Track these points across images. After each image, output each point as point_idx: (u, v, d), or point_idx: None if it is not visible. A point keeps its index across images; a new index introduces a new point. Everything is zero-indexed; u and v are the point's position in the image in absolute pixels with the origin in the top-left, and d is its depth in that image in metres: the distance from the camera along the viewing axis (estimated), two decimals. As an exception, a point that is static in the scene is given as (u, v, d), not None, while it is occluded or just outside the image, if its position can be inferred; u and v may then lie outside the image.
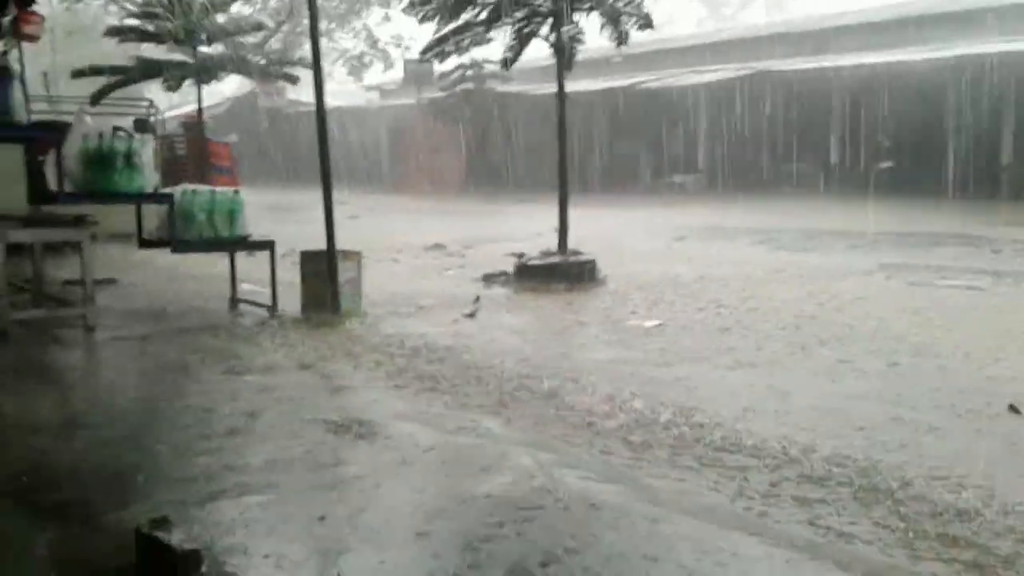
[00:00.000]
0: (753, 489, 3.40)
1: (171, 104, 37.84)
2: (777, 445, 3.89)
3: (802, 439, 3.98)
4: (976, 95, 19.15)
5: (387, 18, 34.49)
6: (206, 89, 16.37)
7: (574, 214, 9.92)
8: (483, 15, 9.85)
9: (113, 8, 29.11)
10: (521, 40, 10.08)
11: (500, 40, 10.20)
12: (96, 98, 14.95)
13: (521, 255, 9.72)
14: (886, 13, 25.23)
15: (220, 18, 15.77)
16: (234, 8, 17.54)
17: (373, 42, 36.08)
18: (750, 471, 3.59)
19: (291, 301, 7.24)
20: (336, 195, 7.30)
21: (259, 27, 18.06)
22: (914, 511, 3.16)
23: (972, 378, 5.18)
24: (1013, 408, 4.43)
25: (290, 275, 7.55)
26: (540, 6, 9.79)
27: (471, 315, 7.49)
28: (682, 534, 2.96)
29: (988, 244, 11.89)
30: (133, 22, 16.41)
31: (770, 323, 6.91)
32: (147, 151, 6.75)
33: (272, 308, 7.17)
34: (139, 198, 6.94)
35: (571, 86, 10.34)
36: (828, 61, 21.69)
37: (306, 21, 8.01)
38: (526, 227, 13.39)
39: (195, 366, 5.56)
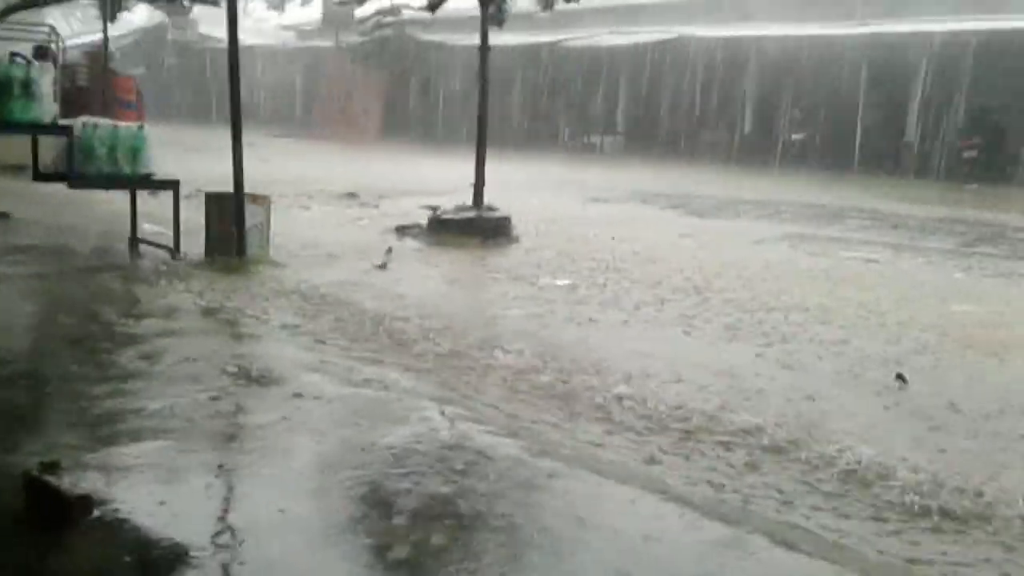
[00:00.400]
0: (646, 446, 3.50)
1: (73, 32, 35.94)
2: (669, 405, 4.00)
3: (696, 400, 4.10)
4: (888, 73, 19.75)
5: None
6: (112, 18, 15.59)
7: (491, 169, 9.88)
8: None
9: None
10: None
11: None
12: (-7, 17, 14.07)
13: (436, 208, 9.64)
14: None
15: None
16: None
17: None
18: (645, 431, 3.69)
19: (195, 244, 7.02)
20: (246, 137, 7.08)
21: None
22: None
23: (866, 345, 5.40)
24: (900, 377, 4.64)
25: (195, 217, 7.31)
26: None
27: (382, 266, 7.42)
28: (578, 489, 3.02)
29: (888, 219, 12.36)
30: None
31: (672, 285, 7.06)
32: (46, 80, 6.42)
33: (175, 250, 6.94)
34: (35, 128, 6.59)
35: (494, 40, 10.21)
36: (749, 30, 21.98)
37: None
38: (442, 180, 13.27)
39: (93, 307, 5.36)
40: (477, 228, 9.15)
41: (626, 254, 8.56)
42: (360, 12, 23.69)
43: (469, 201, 9.72)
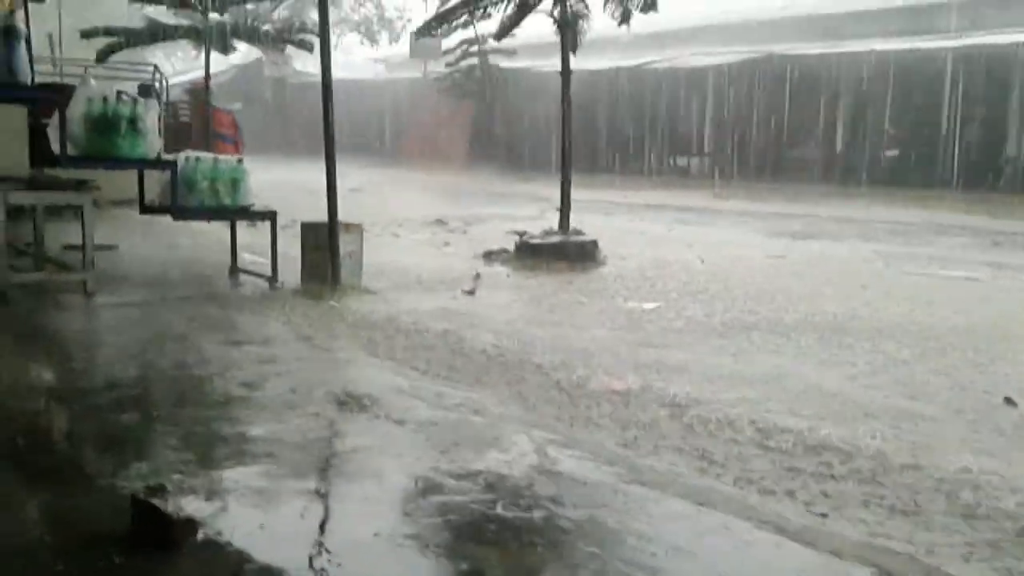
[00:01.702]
0: (747, 475, 3.42)
1: (175, 70, 37.64)
2: (773, 431, 3.90)
3: (796, 424, 3.99)
4: (983, 86, 19.05)
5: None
6: (211, 56, 16.25)
7: (577, 193, 9.90)
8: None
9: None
10: (521, 10, 9.96)
11: (504, 9, 10.10)
12: (101, 57, 14.86)
13: (523, 233, 9.71)
14: (896, 1, 25.07)
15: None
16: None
17: (381, 14, 35.81)
18: (746, 457, 3.61)
19: (292, 273, 7.24)
20: (340, 167, 7.28)
21: None
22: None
23: (972, 369, 5.18)
24: (1009, 400, 4.44)
25: (291, 247, 7.54)
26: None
27: (471, 292, 7.49)
28: (673, 513, 2.97)
29: (989, 236, 11.87)
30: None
31: (766, 310, 6.91)
32: (151, 116, 6.72)
33: (272, 279, 7.17)
34: (142, 163, 6.91)
35: (577, 64, 10.27)
36: (837, 47, 21.53)
37: (313, -10, 7.94)
38: (529, 205, 13.38)
39: (194, 334, 5.56)
40: (564, 252, 9.16)
41: (715, 277, 8.43)
42: (446, 43, 24.10)
43: (556, 225, 9.76)
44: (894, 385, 4.81)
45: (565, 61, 9.87)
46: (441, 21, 10.18)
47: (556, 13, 9.70)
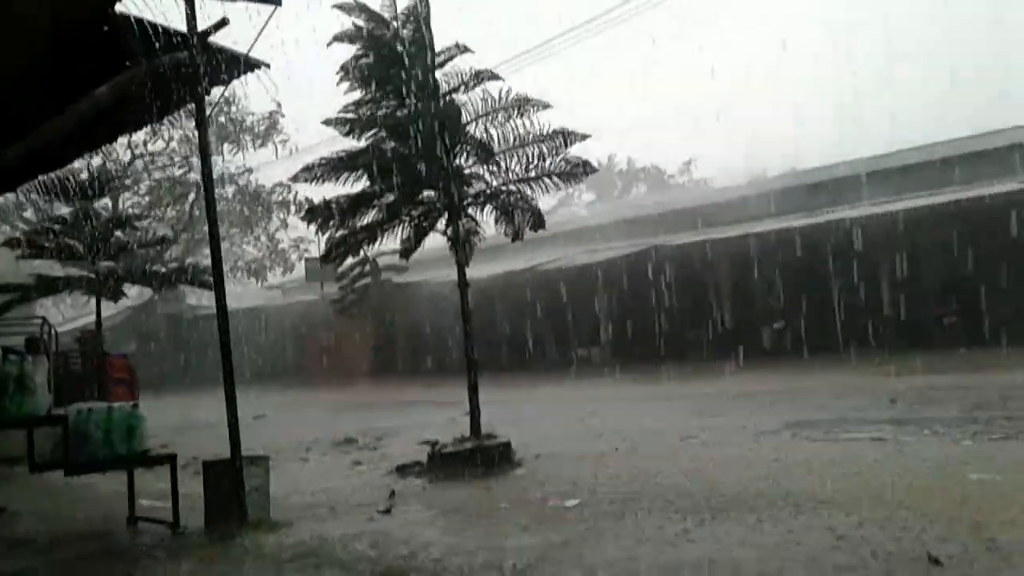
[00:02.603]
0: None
1: (65, 318, 37.02)
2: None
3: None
4: (854, 254, 20.45)
5: (285, 224, 35.21)
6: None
7: (484, 395, 9.93)
8: (380, 215, 10.16)
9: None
10: (418, 234, 10.39)
11: (401, 233, 10.49)
12: (-6, 315, 14.49)
13: (435, 443, 9.58)
14: (760, 187, 27.26)
15: (123, 233, 15.65)
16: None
17: (274, 247, 36.57)
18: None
19: (196, 515, 6.89)
20: (241, 395, 7.15)
21: (163, 241, 18.01)
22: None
23: (889, 530, 5.24)
24: (933, 560, 4.48)
25: (194, 486, 7.23)
26: (435, 203, 10.17)
27: (387, 511, 7.26)
28: None
29: (883, 395, 12.36)
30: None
31: (685, 490, 6.92)
32: (39, 373, 6.55)
33: (174, 525, 6.80)
34: (31, 422, 6.63)
35: (472, 271, 10.60)
36: (715, 233, 22.97)
37: (206, 228, 8.11)
38: (437, 414, 13.29)
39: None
40: (478, 458, 9.05)
41: (630, 464, 8.44)
42: (341, 266, 24.62)
43: (467, 432, 9.69)
44: (826, 553, 4.81)
45: (461, 275, 10.18)
46: (342, 247, 10.45)
47: (450, 232, 10.12)
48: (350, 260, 18.35)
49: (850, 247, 20.31)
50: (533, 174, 10.17)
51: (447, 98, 9.93)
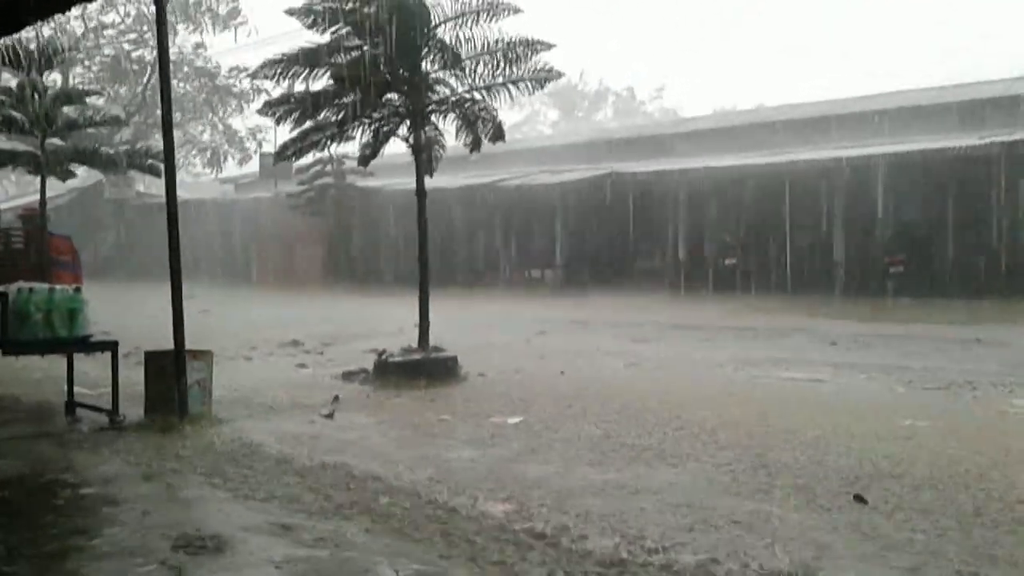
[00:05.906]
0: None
1: (7, 195, 35.93)
2: (630, 551, 3.91)
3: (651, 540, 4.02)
4: (811, 197, 20.61)
5: (241, 110, 34.20)
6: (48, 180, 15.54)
7: (436, 308, 9.91)
8: (341, 115, 9.89)
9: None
10: (379, 139, 10.19)
11: (360, 136, 10.27)
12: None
13: (382, 352, 9.57)
14: (726, 121, 27.17)
15: (71, 110, 15.05)
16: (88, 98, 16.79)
17: (231, 135, 35.59)
18: None
19: (135, 405, 6.82)
20: (187, 289, 7.03)
21: (115, 120, 17.36)
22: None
23: (822, 466, 5.39)
24: (858, 498, 4.63)
25: (135, 376, 7.14)
26: (398, 107, 9.93)
27: (329, 415, 7.27)
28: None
29: (824, 338, 12.63)
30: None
31: (622, 416, 7.02)
32: (-22, 247, 6.32)
33: (113, 413, 6.71)
34: (-32, 297, 6.45)
35: (432, 183, 10.46)
36: (676, 164, 22.92)
37: (158, 112, 7.81)
38: (387, 322, 13.25)
39: (27, 477, 5.12)
40: (424, 369, 9.07)
41: (575, 386, 8.53)
42: (299, 162, 24.11)
43: (415, 342, 9.69)
44: (770, 488, 4.93)
45: (420, 183, 10.03)
46: (299, 144, 10.19)
47: (411, 139, 9.93)
48: (312, 157, 18.05)
49: (807, 189, 20.46)
50: (500, 80, 9.94)
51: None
